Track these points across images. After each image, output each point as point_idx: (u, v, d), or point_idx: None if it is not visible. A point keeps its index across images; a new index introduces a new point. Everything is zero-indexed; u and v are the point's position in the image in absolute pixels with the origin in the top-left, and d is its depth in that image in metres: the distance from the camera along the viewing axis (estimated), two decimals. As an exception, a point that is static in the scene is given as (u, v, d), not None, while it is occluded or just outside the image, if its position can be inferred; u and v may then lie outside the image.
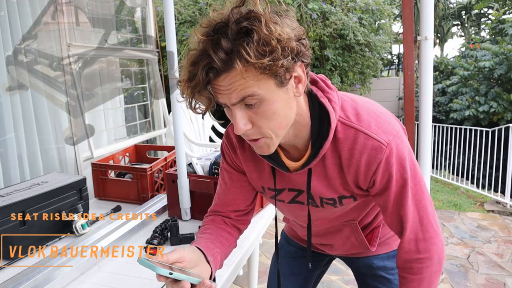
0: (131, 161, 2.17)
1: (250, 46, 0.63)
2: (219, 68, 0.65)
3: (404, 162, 0.78)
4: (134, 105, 2.70)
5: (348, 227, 1.00)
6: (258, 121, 0.71)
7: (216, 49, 0.64)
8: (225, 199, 0.98)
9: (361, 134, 0.76)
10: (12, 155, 1.84)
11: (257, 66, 0.64)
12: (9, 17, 1.78)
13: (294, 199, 0.93)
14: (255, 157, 0.90)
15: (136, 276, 1.22)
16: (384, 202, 0.83)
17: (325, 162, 0.81)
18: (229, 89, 0.67)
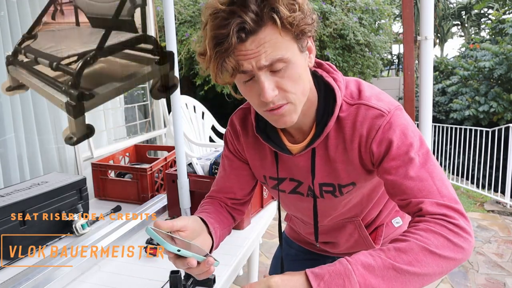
0: (131, 161, 2.17)
1: (281, 4, 0.63)
2: (251, 29, 0.63)
3: (406, 130, 0.74)
4: (134, 105, 2.70)
5: (351, 224, 0.98)
6: (285, 85, 0.69)
7: (245, 9, 0.63)
8: (223, 185, 0.98)
9: (362, 106, 0.76)
10: (12, 155, 1.84)
11: (286, 23, 0.64)
12: (9, 17, 1.78)
13: (295, 189, 0.92)
14: (257, 144, 0.90)
15: (136, 276, 1.22)
16: (389, 175, 0.73)
17: (328, 143, 0.81)
18: (258, 51, 0.65)
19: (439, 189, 0.70)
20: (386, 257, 0.62)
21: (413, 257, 0.62)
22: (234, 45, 0.63)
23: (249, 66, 0.66)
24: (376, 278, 0.61)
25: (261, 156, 0.91)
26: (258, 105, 0.73)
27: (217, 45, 0.64)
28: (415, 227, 0.67)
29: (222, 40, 0.63)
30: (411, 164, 0.71)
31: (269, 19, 0.64)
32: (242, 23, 0.63)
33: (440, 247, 0.64)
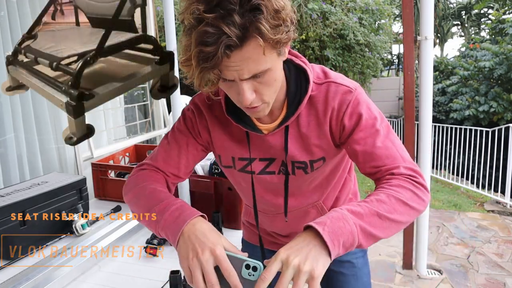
0: (131, 161, 2.17)
1: (264, 21, 0.63)
2: (235, 45, 0.64)
3: (370, 105, 0.84)
4: (134, 105, 2.70)
5: (314, 209, 1.02)
6: (261, 90, 0.73)
7: (230, 25, 0.62)
8: (170, 158, 0.93)
9: (332, 84, 0.84)
10: (12, 155, 1.84)
11: (270, 42, 0.65)
12: (9, 17, 1.78)
13: (265, 169, 0.93)
14: (226, 126, 0.91)
15: (136, 276, 1.22)
16: (358, 145, 0.82)
17: (299, 121, 0.86)
18: (240, 65, 0.67)
19: (401, 156, 0.81)
20: (370, 206, 0.71)
21: (391, 206, 0.72)
22: (220, 61, 0.65)
23: (231, 76, 0.69)
24: (365, 223, 0.69)
25: (230, 137, 0.92)
26: (235, 101, 0.77)
27: (203, 61, 0.65)
28: (388, 183, 0.77)
29: (208, 56, 0.64)
30: (378, 135, 0.81)
31: (252, 37, 0.64)
32: (227, 40, 0.63)
33: (410, 199, 0.74)
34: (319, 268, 0.63)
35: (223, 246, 0.67)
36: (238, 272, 0.66)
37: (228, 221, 1.54)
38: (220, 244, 0.68)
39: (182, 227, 0.71)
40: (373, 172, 0.82)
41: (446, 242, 3.28)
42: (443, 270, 2.82)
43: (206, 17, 0.63)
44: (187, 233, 0.71)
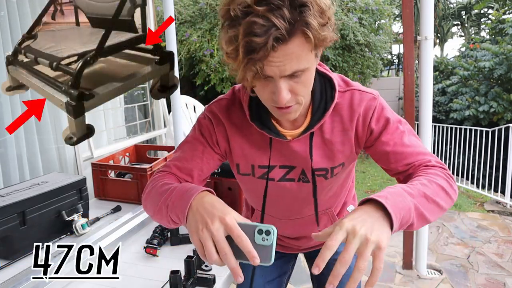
0: (131, 161, 2.17)
1: (312, 17, 0.64)
2: (283, 38, 0.64)
3: (392, 110, 0.90)
4: (134, 105, 2.70)
5: (325, 216, 1.05)
6: (297, 90, 0.73)
7: (280, 18, 0.63)
8: (186, 165, 0.91)
9: (356, 91, 0.87)
10: (11, 155, 1.84)
11: (316, 40, 0.66)
12: (9, 17, 1.78)
13: (285, 176, 0.93)
14: (247, 134, 0.90)
15: (136, 276, 1.22)
16: (388, 146, 0.86)
17: (323, 128, 0.88)
18: (283, 61, 0.66)
19: (429, 152, 0.87)
20: (418, 188, 0.73)
21: (434, 190, 0.75)
22: (269, 53, 0.64)
23: (271, 73, 0.68)
24: (418, 202, 0.71)
25: (250, 145, 0.91)
26: (267, 100, 0.76)
27: (251, 52, 0.64)
28: (425, 172, 0.80)
29: (257, 47, 0.64)
30: (404, 135, 0.86)
31: (300, 32, 0.65)
32: (277, 32, 0.63)
33: (447, 187, 0.78)
34: (384, 239, 0.62)
35: (233, 216, 0.65)
36: (251, 238, 0.63)
37: (228, 221, 1.54)
38: (229, 213, 0.65)
39: (189, 202, 0.70)
40: (406, 170, 0.85)
41: (446, 242, 3.28)
42: (443, 270, 2.82)
43: (255, 9, 0.63)
44: (195, 206, 0.69)
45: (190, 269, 1.12)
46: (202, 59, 5.42)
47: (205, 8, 5.55)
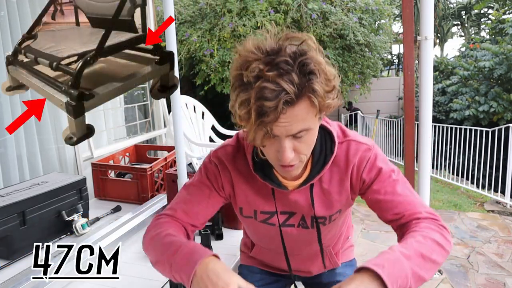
0: (131, 161, 2.17)
1: (318, 84, 0.69)
2: (291, 102, 0.68)
3: (386, 160, 0.91)
4: (134, 105, 2.70)
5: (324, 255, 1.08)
6: (301, 149, 0.77)
7: (289, 83, 0.67)
8: (192, 210, 0.94)
9: (352, 142, 0.90)
10: (11, 155, 1.84)
11: (321, 106, 0.71)
12: (9, 17, 1.78)
13: (285, 222, 0.97)
14: (251, 181, 0.94)
15: (136, 276, 1.22)
16: (379, 194, 0.88)
17: (322, 178, 0.91)
18: (290, 121, 0.71)
19: (420, 202, 0.88)
20: (414, 247, 0.75)
21: (430, 247, 0.76)
22: (279, 116, 0.69)
23: (278, 132, 0.73)
24: (414, 265, 0.72)
25: (254, 192, 0.95)
26: (273, 159, 0.80)
27: (263, 115, 0.69)
28: (418, 226, 0.81)
29: (268, 111, 0.68)
30: (396, 184, 0.88)
31: (306, 97, 0.70)
32: (287, 96, 0.67)
33: (441, 240, 0.79)
34: None
35: (237, 285, 0.69)
36: None
37: (228, 221, 1.54)
38: (233, 283, 0.69)
39: (194, 268, 0.73)
40: (396, 219, 0.87)
41: (446, 242, 3.28)
42: (443, 270, 2.82)
43: (266, 74, 0.68)
44: (199, 274, 0.72)
45: (190, 269, 1.12)
46: (202, 59, 5.42)
47: (205, 8, 5.55)
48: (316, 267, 1.11)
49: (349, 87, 6.21)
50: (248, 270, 1.20)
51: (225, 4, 5.38)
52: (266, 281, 1.17)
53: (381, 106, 9.21)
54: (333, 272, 1.15)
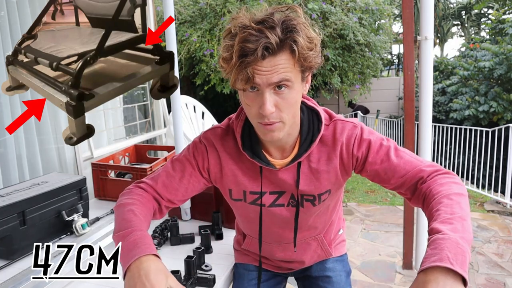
0: (131, 161, 2.17)
1: (300, 38, 0.76)
2: (272, 50, 0.75)
3: (373, 132, 0.95)
4: (134, 105, 2.70)
5: (315, 241, 1.11)
6: (282, 106, 0.80)
7: (272, 32, 0.75)
8: (170, 185, 0.96)
9: (338, 122, 0.94)
10: (11, 155, 1.83)
11: (301, 56, 0.77)
12: (9, 17, 1.78)
13: (275, 202, 0.99)
14: (240, 162, 0.96)
15: (136, 276, 1.22)
16: (376, 165, 0.90)
17: (310, 157, 0.94)
18: (271, 70, 0.76)
19: (417, 159, 0.90)
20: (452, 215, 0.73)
21: (459, 203, 0.76)
22: (258, 59, 0.74)
23: (259, 81, 0.77)
24: (463, 234, 0.69)
25: (243, 172, 0.97)
26: (254, 115, 0.83)
27: (243, 56, 0.75)
28: (432, 187, 0.81)
29: (248, 52, 0.74)
30: (389, 150, 0.90)
31: (288, 47, 0.76)
32: (268, 42, 0.74)
33: (459, 189, 0.80)
34: None
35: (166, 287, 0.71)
36: None
37: (228, 221, 1.54)
38: (161, 286, 0.70)
39: (130, 262, 0.74)
40: (401, 183, 0.88)
41: (446, 242, 3.28)
42: (443, 270, 2.82)
43: (252, 25, 0.75)
44: (132, 269, 0.73)
45: (190, 269, 1.12)
46: (202, 59, 5.42)
47: (205, 8, 5.55)
48: (308, 255, 1.12)
49: (349, 87, 6.21)
50: (244, 269, 1.20)
51: (225, 4, 5.38)
52: (262, 279, 1.18)
53: (381, 106, 9.22)
54: (323, 266, 1.17)
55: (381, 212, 4.08)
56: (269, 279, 1.20)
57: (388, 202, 4.44)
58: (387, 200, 4.55)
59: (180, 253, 1.34)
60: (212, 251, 1.37)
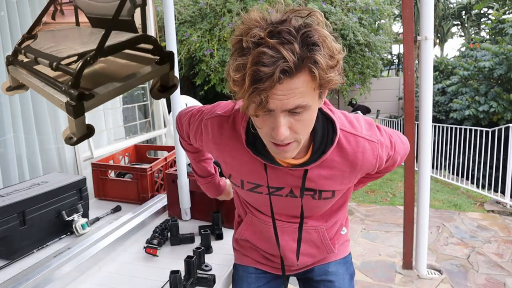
0: (131, 161, 2.17)
1: (321, 57, 0.65)
2: (289, 72, 0.65)
3: (386, 142, 0.93)
4: (134, 105, 2.70)
5: (315, 233, 1.07)
6: (297, 128, 0.74)
7: (289, 51, 0.64)
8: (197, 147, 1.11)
9: (360, 139, 0.89)
10: (11, 155, 1.83)
11: (321, 79, 0.67)
12: (9, 17, 1.78)
13: (273, 192, 0.97)
14: (238, 153, 0.93)
15: (136, 276, 1.22)
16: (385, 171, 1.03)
17: (322, 164, 0.89)
18: (287, 95, 0.67)
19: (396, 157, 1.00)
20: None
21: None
22: (275, 84, 0.65)
23: (274, 106, 0.68)
24: None
25: (242, 163, 0.94)
26: (266, 135, 0.76)
27: (258, 81, 0.65)
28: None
29: (263, 78, 0.64)
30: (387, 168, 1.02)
31: (307, 69, 0.66)
32: (285, 65, 0.64)
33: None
34: None
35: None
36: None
37: (228, 221, 1.54)
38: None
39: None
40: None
41: (446, 242, 3.28)
42: (443, 270, 2.82)
43: (267, 41, 0.64)
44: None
45: (190, 269, 1.12)
46: (202, 59, 5.42)
47: (205, 8, 5.55)
48: (308, 248, 1.09)
49: (349, 87, 6.22)
50: (243, 271, 1.18)
51: (225, 4, 5.38)
52: (261, 282, 1.16)
53: (381, 106, 9.22)
54: (325, 270, 1.15)
55: (381, 212, 4.08)
56: (269, 281, 1.18)
57: (388, 202, 4.44)
58: (387, 200, 4.54)
59: (180, 253, 1.34)
60: (212, 251, 1.37)
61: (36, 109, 1.93)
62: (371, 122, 0.93)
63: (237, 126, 0.91)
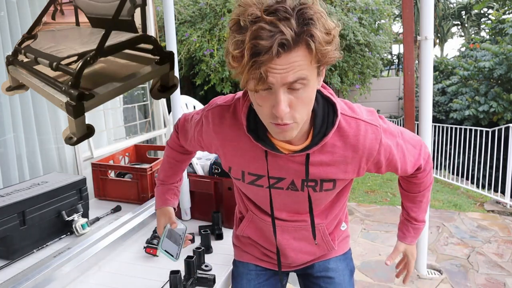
0: (131, 161, 2.17)
1: (318, 31, 0.68)
2: (288, 46, 0.66)
3: (390, 130, 0.93)
4: (134, 105, 2.70)
5: (316, 231, 1.06)
6: (296, 106, 0.74)
7: (287, 27, 0.66)
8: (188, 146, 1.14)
9: (361, 122, 0.88)
10: (11, 155, 1.83)
11: (318, 52, 0.69)
12: (9, 17, 1.78)
13: (274, 185, 0.96)
14: (239, 143, 0.92)
15: (136, 276, 1.22)
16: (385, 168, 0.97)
17: (323, 150, 0.89)
18: (286, 68, 0.68)
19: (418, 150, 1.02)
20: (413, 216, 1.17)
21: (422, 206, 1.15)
22: (273, 57, 0.66)
23: (273, 80, 0.69)
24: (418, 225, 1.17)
25: (243, 153, 0.94)
26: (266, 115, 0.76)
27: (256, 54, 0.67)
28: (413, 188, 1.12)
29: (262, 50, 0.66)
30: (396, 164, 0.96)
31: (304, 43, 0.68)
32: (283, 38, 0.65)
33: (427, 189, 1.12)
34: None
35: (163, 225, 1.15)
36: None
37: (228, 221, 1.54)
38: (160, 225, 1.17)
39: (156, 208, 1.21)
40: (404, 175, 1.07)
41: (446, 242, 3.28)
42: (443, 270, 2.82)
43: (264, 17, 0.66)
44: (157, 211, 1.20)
45: (190, 269, 1.12)
46: (202, 59, 5.42)
47: (205, 8, 5.55)
48: (308, 246, 1.09)
49: (349, 87, 6.21)
50: (243, 267, 1.19)
51: (225, 4, 5.38)
52: (262, 279, 1.17)
53: (381, 106, 9.22)
54: (325, 266, 1.15)
55: (381, 212, 4.08)
56: (269, 277, 1.18)
57: (388, 202, 4.44)
58: (387, 200, 4.54)
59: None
60: (212, 251, 1.37)
61: (36, 109, 1.93)
62: (372, 110, 0.93)
63: (238, 113, 0.91)
